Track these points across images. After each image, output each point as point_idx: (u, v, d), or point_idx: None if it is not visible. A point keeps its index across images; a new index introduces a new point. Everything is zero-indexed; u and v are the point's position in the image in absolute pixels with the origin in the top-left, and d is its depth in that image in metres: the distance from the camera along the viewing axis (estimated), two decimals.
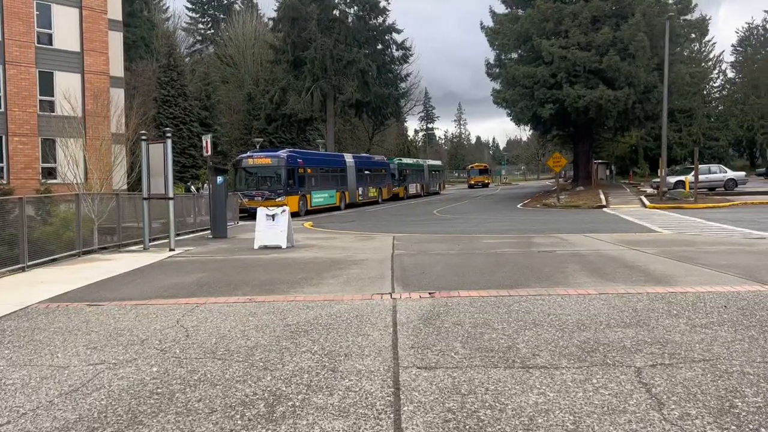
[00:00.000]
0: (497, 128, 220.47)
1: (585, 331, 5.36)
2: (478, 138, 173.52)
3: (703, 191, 31.43)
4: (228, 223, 21.49)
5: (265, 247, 12.90)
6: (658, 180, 38.08)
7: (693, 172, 35.51)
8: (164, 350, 5.09)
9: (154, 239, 15.49)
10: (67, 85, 29.04)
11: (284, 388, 4.06)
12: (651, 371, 4.23)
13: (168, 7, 74.99)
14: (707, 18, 43.89)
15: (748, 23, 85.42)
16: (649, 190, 36.47)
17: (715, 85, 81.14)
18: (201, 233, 18.20)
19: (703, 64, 70.60)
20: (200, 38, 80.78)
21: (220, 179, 16.03)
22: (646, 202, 28.33)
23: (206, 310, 6.64)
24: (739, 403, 3.62)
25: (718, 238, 13.73)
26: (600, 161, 65.02)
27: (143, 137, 12.93)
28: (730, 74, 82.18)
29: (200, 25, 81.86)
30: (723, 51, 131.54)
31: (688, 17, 44.29)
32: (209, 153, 16.78)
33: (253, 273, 9.33)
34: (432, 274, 8.72)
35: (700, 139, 73.77)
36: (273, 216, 13.02)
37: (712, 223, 18.42)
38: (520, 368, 4.35)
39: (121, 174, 29.85)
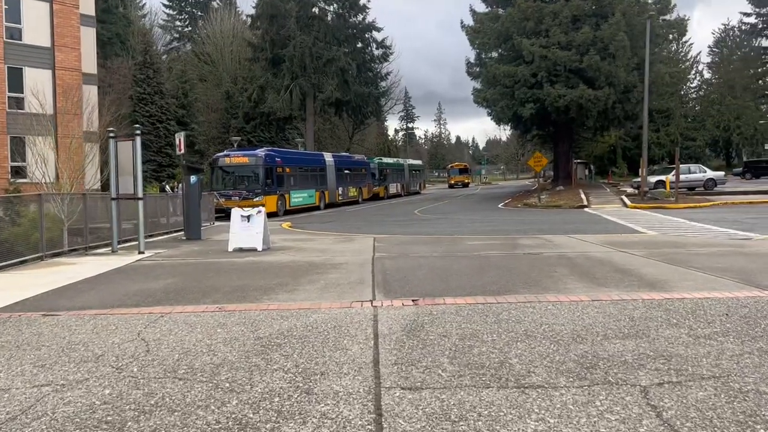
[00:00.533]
0: (476, 128, 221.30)
1: (581, 343, 4.95)
2: (458, 138, 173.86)
3: (683, 191, 31.40)
4: (203, 224, 20.89)
5: (240, 250, 12.38)
6: (638, 180, 38.08)
7: (673, 172, 35.64)
8: (120, 368, 4.59)
9: (125, 241, 14.88)
10: (36, 81, 28.17)
11: (251, 415, 3.58)
12: (659, 391, 3.83)
13: (144, 4, 73.65)
14: (686, 18, 44.10)
15: (725, 24, 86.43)
16: (630, 190, 36.43)
17: (692, 85, 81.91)
18: (175, 234, 17.59)
19: (681, 65, 71.15)
20: (177, 36, 79.57)
21: (193, 179, 15.44)
22: (628, 202, 28.20)
23: (171, 320, 6.13)
24: (762, 431, 3.23)
25: (706, 239, 13.47)
26: (579, 161, 65.19)
27: (111, 134, 12.32)
28: (707, 75, 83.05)
29: (177, 23, 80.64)
30: (700, 52, 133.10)
31: (667, 17, 44.46)
32: (182, 151, 16.16)
33: (225, 278, 8.82)
34: (415, 279, 8.28)
35: (678, 139, 74.39)
36: (248, 217, 12.49)
37: (694, 224, 18.24)
38: (515, 388, 3.93)
39: (92, 173, 29.13)
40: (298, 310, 6.42)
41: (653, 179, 34.31)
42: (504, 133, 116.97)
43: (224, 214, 30.32)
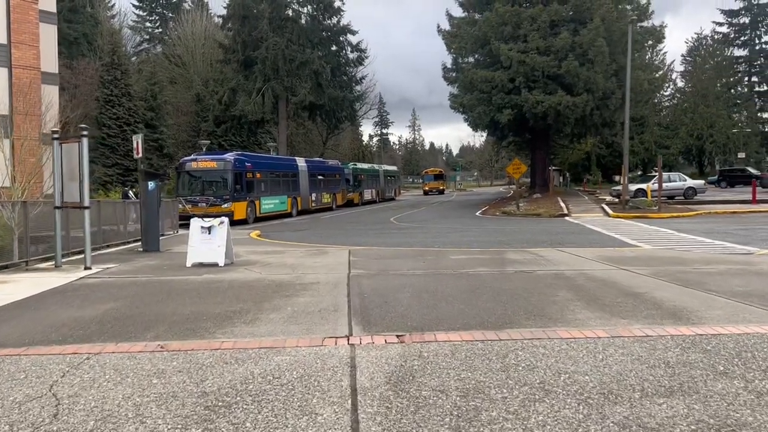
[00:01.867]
0: (450, 134, 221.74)
1: (617, 403, 3.87)
2: (432, 144, 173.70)
3: (663, 200, 30.77)
4: (166, 233, 19.55)
5: (200, 265, 11.12)
6: (618, 188, 37.52)
7: (653, 180, 35.10)
8: None
9: (77, 252, 13.53)
10: None
11: None
12: None
13: (114, 4, 71.55)
14: (663, 25, 43.76)
15: (697, 33, 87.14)
16: (608, 198, 35.81)
17: (665, 93, 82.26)
18: (133, 245, 16.20)
19: (655, 73, 71.33)
20: (148, 37, 77.65)
21: (151, 185, 14.12)
22: (609, 211, 27.45)
23: (98, 365, 4.91)
24: None
25: (706, 254, 12.56)
26: (554, 168, 64.83)
27: (54, 135, 10.98)
28: (680, 83, 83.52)
29: (148, 24, 78.74)
30: (674, 60, 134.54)
31: (645, 24, 44.12)
32: (140, 155, 14.82)
33: (177, 303, 7.58)
34: (398, 304, 7.14)
35: (652, 147, 74.62)
36: (209, 228, 11.24)
37: (684, 235, 17.43)
38: None
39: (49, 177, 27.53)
40: (258, 350, 5.23)
41: (633, 187, 33.73)
42: (478, 139, 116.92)
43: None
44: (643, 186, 34.17)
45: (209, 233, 11.24)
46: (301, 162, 37.82)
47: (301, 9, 50.43)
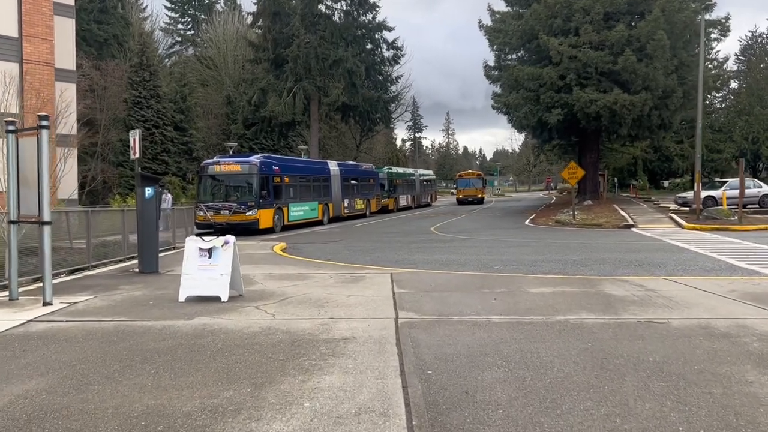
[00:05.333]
0: (481, 139, 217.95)
1: None
2: (465, 148, 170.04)
3: (733, 208, 27.22)
4: (178, 245, 16.98)
5: (197, 299, 8.38)
6: (684, 195, 33.99)
7: (725, 187, 31.53)
8: None
9: (57, 274, 10.98)
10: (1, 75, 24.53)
11: None
12: None
13: (146, 6, 70.29)
14: (728, 17, 39.95)
15: (752, 31, 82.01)
16: (672, 206, 32.27)
17: (717, 95, 77.70)
18: (134, 262, 13.55)
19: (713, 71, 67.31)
20: (180, 39, 76.29)
21: (149, 191, 11.46)
22: (682, 222, 24.07)
23: None
24: None
25: None
26: (600, 173, 61.04)
27: (9, 126, 8.33)
28: (733, 84, 78.78)
29: (180, 26, 77.40)
30: (727, 59, 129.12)
31: (707, 17, 40.45)
32: (137, 155, 12.19)
33: (134, 382, 4.80)
34: (490, 401, 4.24)
35: (703, 151, 70.45)
36: (209, 250, 8.49)
37: None
38: None
39: (69, 182, 25.45)
40: None
41: (702, 194, 30.26)
42: (515, 143, 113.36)
43: (213, 230, 26.44)
44: (713, 193, 30.59)
45: (209, 257, 8.49)
46: (333, 165, 35.10)
47: (335, 5, 47.79)
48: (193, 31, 75.48)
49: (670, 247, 16.47)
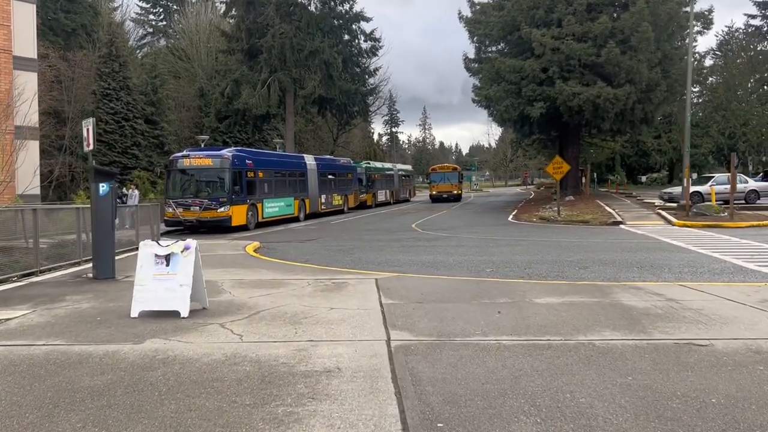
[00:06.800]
0: (458, 134, 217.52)
1: None
2: (442, 143, 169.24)
3: (719, 203, 26.60)
4: (138, 245, 15.62)
5: (154, 314, 7.17)
6: (669, 190, 33.40)
7: (711, 182, 30.95)
8: None
9: (26, 274, 9.71)
10: None
11: None
12: None
13: None
14: (711, 10, 39.47)
15: (728, 27, 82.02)
16: (657, 202, 31.59)
17: (694, 89, 77.73)
18: (87, 266, 12.22)
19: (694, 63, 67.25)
20: (151, 30, 74.13)
21: (104, 187, 10.17)
22: (671, 218, 23.31)
23: None
24: None
25: None
26: (580, 168, 60.46)
27: None
28: (710, 79, 78.88)
29: (151, 16, 75.17)
30: (706, 53, 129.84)
31: (687, 10, 39.90)
32: (91, 147, 10.87)
33: None
34: None
35: (681, 146, 70.49)
36: (167, 257, 7.28)
37: None
38: None
39: (28, 177, 23.93)
40: None
41: (677, 190, 29.73)
42: (491, 138, 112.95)
43: (183, 228, 25.05)
44: (699, 188, 29.96)
45: (167, 264, 7.28)
46: (309, 160, 33.80)
47: None
48: (165, 22, 73.43)
49: (667, 246, 15.59)
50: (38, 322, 7.05)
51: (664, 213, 25.33)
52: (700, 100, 78.25)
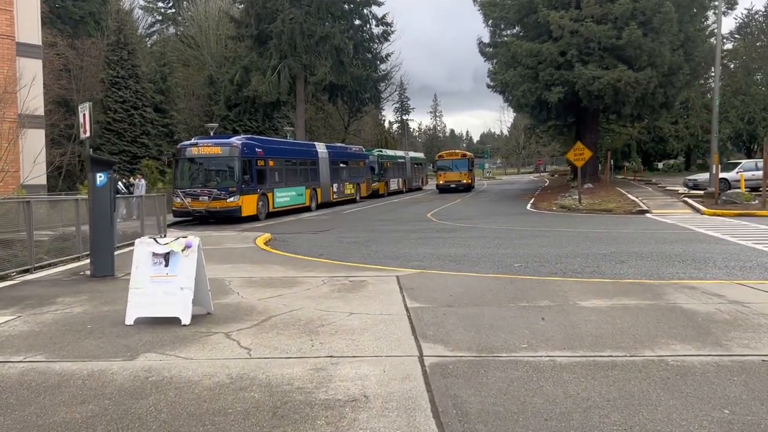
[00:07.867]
0: (469, 121, 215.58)
1: None
2: (452, 131, 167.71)
3: (747, 191, 25.48)
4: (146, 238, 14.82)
5: (151, 320, 6.35)
6: (694, 177, 32.24)
7: (737, 169, 29.82)
8: None
9: (21, 271, 8.95)
10: None
11: None
12: None
13: None
14: None
15: (748, 9, 79.93)
16: (681, 189, 30.48)
17: (712, 73, 75.91)
18: (86, 261, 11.43)
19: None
20: (160, 18, 73.29)
21: (101, 178, 9.36)
22: (699, 207, 22.26)
23: None
24: None
25: None
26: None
27: None
28: (730, 63, 77.02)
29: (160, 3, 74.27)
30: (725, 39, 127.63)
31: None
32: (88, 134, 10.04)
33: None
34: None
35: (699, 132, 69.13)
36: (166, 256, 6.45)
37: None
38: None
39: (32, 166, 23.31)
40: None
41: (703, 177, 28.64)
42: (504, 125, 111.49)
43: (191, 218, 24.33)
44: (725, 175, 28.82)
45: (166, 264, 6.45)
46: (321, 148, 32.91)
47: None
48: (173, 10, 72.56)
49: (703, 237, 14.61)
50: (21, 331, 6.24)
51: (690, 201, 24.27)
52: (720, 84, 76.51)
